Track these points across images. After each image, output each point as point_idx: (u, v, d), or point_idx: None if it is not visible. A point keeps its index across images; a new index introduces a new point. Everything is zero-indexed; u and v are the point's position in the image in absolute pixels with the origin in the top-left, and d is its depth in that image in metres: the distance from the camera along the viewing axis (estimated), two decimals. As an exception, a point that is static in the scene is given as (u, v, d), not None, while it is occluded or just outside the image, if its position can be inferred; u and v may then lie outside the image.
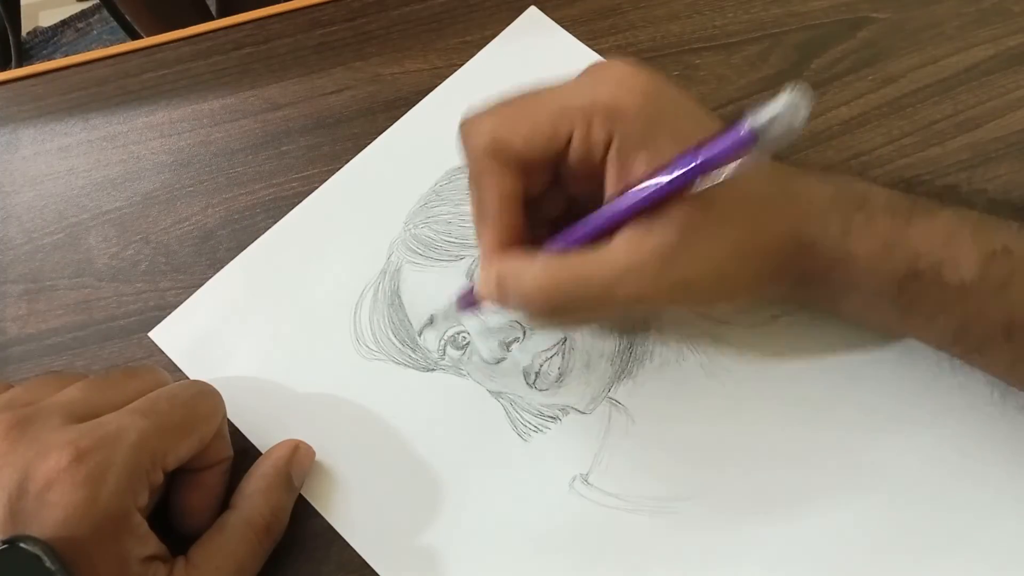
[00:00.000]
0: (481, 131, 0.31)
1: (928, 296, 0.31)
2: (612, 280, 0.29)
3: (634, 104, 0.29)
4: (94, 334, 0.39)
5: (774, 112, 0.24)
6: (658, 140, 0.29)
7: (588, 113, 0.30)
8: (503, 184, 0.31)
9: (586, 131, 0.30)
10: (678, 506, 0.34)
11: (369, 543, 0.34)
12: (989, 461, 0.34)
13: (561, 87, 0.31)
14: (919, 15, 0.44)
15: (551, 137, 0.30)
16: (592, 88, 0.30)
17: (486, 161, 0.31)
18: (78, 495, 0.27)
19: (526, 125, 0.30)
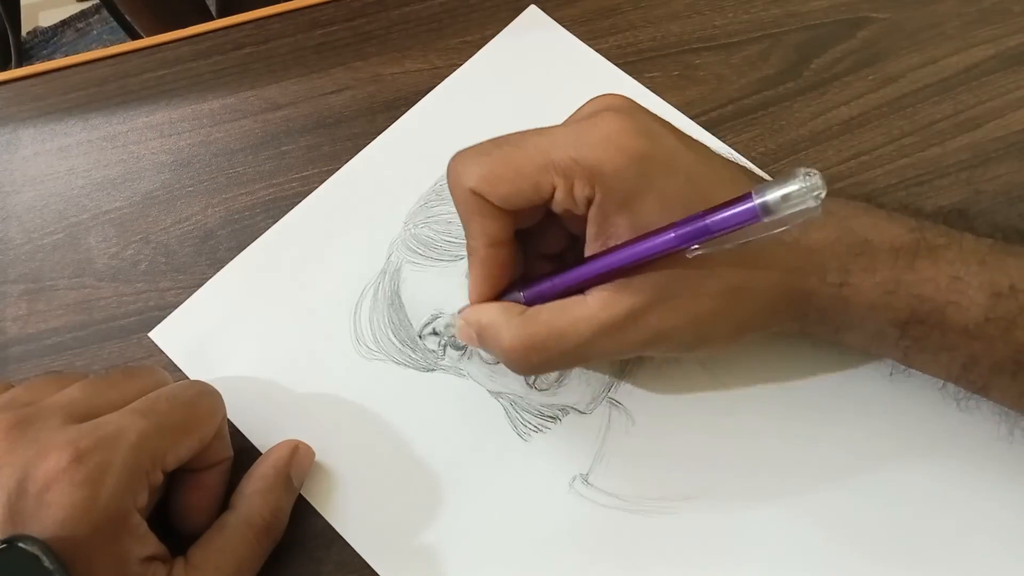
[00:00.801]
0: (467, 176, 0.30)
1: (931, 339, 0.30)
2: (586, 338, 0.30)
3: (618, 167, 0.29)
4: (94, 334, 0.39)
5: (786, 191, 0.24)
6: (641, 203, 0.29)
7: (571, 171, 0.29)
8: (488, 229, 0.31)
9: (568, 188, 0.29)
10: (678, 506, 0.34)
11: (369, 543, 0.34)
12: (988, 461, 0.34)
13: (549, 135, 0.31)
14: (919, 15, 0.44)
15: (534, 189, 0.30)
16: (578, 142, 0.30)
17: (472, 206, 0.31)
18: (77, 495, 0.27)
19: (509, 176, 0.30)
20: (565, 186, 0.29)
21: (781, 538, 0.34)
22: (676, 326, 0.30)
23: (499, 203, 0.30)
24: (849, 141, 0.41)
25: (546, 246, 0.34)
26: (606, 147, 0.29)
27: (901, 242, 0.30)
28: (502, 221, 0.31)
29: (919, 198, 0.39)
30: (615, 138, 0.29)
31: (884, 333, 0.31)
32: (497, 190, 0.30)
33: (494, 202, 0.30)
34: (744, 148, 0.41)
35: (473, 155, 0.31)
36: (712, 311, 0.30)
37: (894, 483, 0.34)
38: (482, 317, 0.32)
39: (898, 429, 0.35)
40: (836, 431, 0.35)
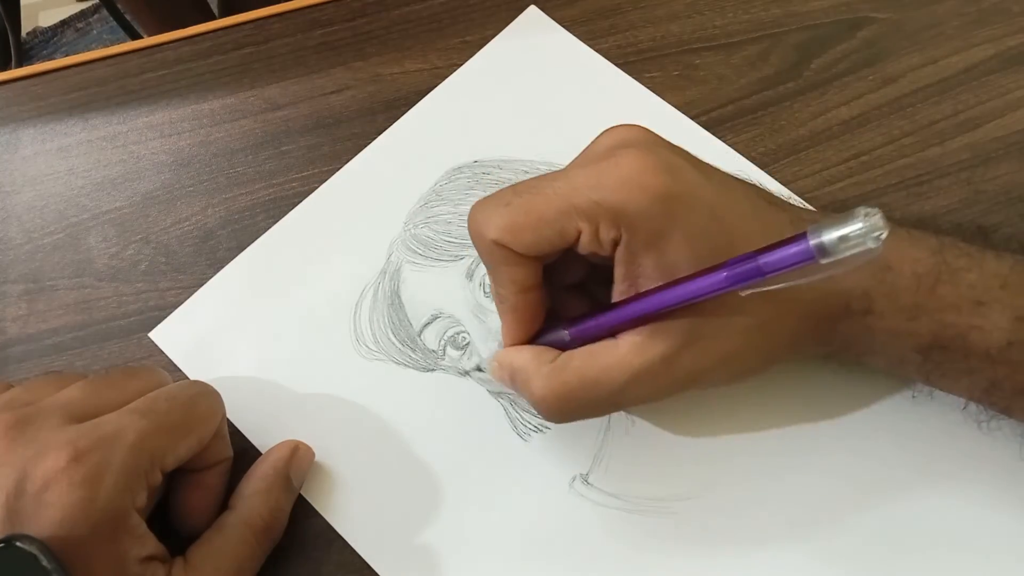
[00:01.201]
0: (488, 228, 0.30)
1: (953, 363, 0.30)
2: (620, 385, 0.29)
3: (642, 207, 0.28)
4: (94, 334, 0.39)
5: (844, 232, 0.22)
6: (667, 243, 0.28)
7: (595, 214, 0.29)
8: (516, 276, 0.31)
9: (594, 232, 0.29)
10: (678, 506, 0.34)
11: (369, 543, 0.34)
12: (993, 459, 0.34)
13: (568, 179, 0.30)
14: (919, 15, 0.44)
15: (559, 235, 0.29)
16: (599, 184, 0.29)
17: (497, 257, 0.30)
18: (76, 495, 0.27)
19: (532, 224, 0.29)
20: (590, 230, 0.29)
21: (781, 538, 0.33)
22: (708, 367, 0.30)
23: (524, 251, 0.30)
24: (849, 141, 0.41)
25: (567, 277, 0.34)
26: (629, 188, 0.28)
27: (923, 267, 0.30)
28: (529, 267, 0.31)
29: (919, 198, 0.39)
30: (637, 178, 0.28)
31: (906, 358, 0.31)
32: (521, 240, 0.30)
33: (519, 251, 0.30)
34: (744, 148, 0.41)
35: (493, 205, 0.30)
36: (742, 348, 0.30)
37: (895, 483, 0.34)
38: (515, 360, 0.32)
39: (898, 429, 0.35)
40: (837, 431, 0.35)
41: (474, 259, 0.39)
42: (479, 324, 0.38)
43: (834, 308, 0.30)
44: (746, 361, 0.31)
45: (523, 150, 0.42)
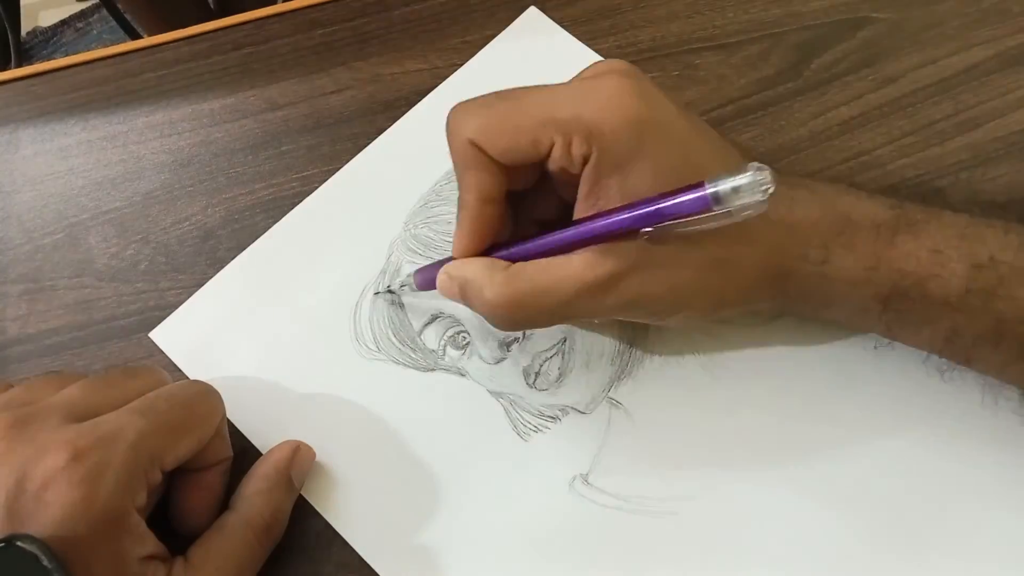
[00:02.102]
0: (466, 127, 0.31)
1: (913, 311, 0.31)
2: (568, 297, 0.30)
3: (617, 128, 0.29)
4: (94, 334, 0.39)
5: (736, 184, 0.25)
6: (633, 168, 0.29)
7: (570, 128, 0.29)
8: (483, 183, 0.31)
9: (566, 145, 0.30)
10: (678, 506, 0.34)
11: (369, 543, 0.34)
12: (986, 461, 0.34)
13: (551, 92, 0.31)
14: (919, 15, 0.44)
15: (532, 145, 0.30)
16: (580, 101, 0.30)
17: (468, 159, 0.31)
18: (75, 494, 0.27)
19: (509, 130, 0.30)
20: (563, 143, 0.29)
21: (781, 538, 0.34)
22: (655, 294, 0.30)
23: (497, 156, 0.30)
24: (849, 141, 0.41)
25: (538, 211, 0.34)
26: (608, 108, 0.29)
27: (882, 219, 0.31)
28: (497, 177, 0.31)
29: (920, 198, 0.39)
30: (617, 99, 0.29)
31: (867, 308, 0.32)
32: (496, 143, 0.30)
33: (492, 155, 0.30)
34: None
35: (474, 107, 0.31)
36: (692, 282, 0.30)
37: (894, 483, 0.34)
38: (466, 272, 0.32)
39: (898, 429, 0.35)
40: (836, 431, 0.35)
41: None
42: (479, 324, 0.38)
43: (791, 257, 0.31)
44: (694, 296, 0.31)
45: (523, 150, 0.42)
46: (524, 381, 0.37)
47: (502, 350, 0.37)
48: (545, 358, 0.37)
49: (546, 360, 0.37)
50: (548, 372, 0.37)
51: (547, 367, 0.37)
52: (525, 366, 0.37)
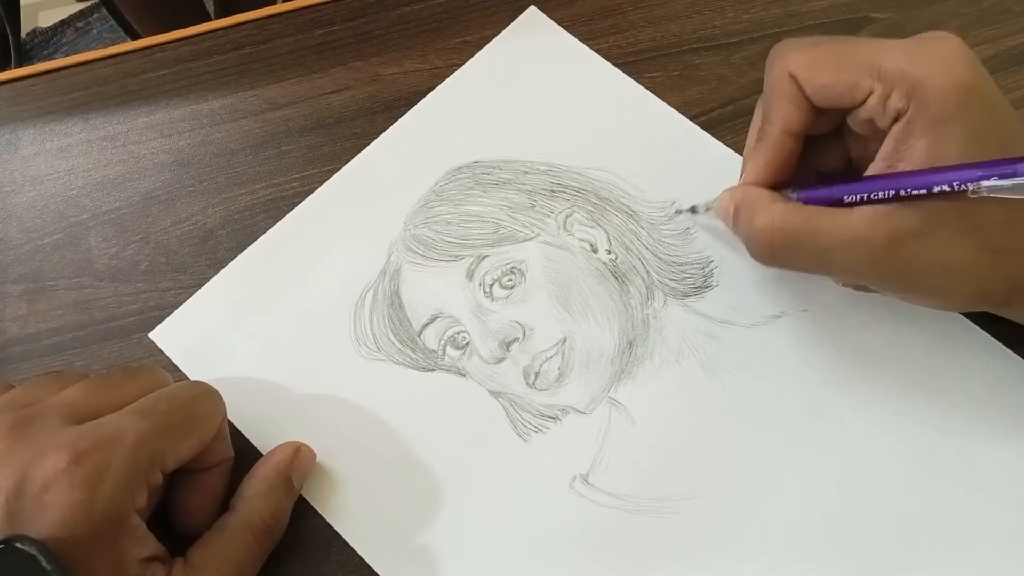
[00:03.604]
0: (789, 60, 0.31)
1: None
2: (837, 244, 0.30)
3: (942, 89, 0.29)
4: (94, 334, 0.39)
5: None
6: (947, 133, 0.29)
7: (894, 80, 0.29)
8: (790, 116, 0.32)
9: (885, 96, 0.30)
10: (678, 506, 0.34)
11: (369, 543, 0.34)
12: (988, 460, 0.34)
13: (883, 43, 0.31)
14: (919, 15, 0.44)
15: (851, 88, 0.30)
16: (910, 57, 0.30)
17: (783, 89, 0.31)
18: (75, 496, 0.27)
19: (832, 67, 0.31)
20: (882, 93, 0.30)
21: (781, 538, 0.34)
22: (925, 266, 0.30)
23: (811, 93, 0.31)
24: (849, 141, 0.41)
25: (822, 163, 0.35)
26: (938, 67, 0.29)
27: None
28: (805, 114, 0.32)
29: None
30: (951, 62, 0.29)
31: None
32: (816, 79, 0.31)
33: (807, 91, 0.31)
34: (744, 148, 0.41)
35: (803, 42, 0.32)
36: (965, 264, 0.30)
37: (895, 483, 0.34)
38: (748, 194, 0.33)
39: (898, 429, 0.35)
40: (835, 431, 0.35)
41: (474, 259, 0.39)
42: (479, 324, 0.38)
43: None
44: (962, 279, 0.30)
45: (523, 150, 0.42)
46: (524, 381, 0.37)
47: (502, 350, 0.37)
48: (545, 358, 0.37)
49: (546, 360, 0.37)
50: (548, 372, 0.37)
51: (547, 367, 0.37)
52: (525, 366, 0.37)
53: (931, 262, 0.30)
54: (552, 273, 0.39)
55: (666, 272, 0.39)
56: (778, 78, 0.32)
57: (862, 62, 0.30)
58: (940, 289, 0.31)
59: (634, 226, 0.40)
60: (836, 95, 0.31)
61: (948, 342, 0.36)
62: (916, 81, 0.29)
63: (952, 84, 0.29)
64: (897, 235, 0.29)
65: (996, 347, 0.36)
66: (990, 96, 0.30)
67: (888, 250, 0.30)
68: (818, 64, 0.31)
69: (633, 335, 0.37)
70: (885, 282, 0.31)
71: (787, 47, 0.32)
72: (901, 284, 0.31)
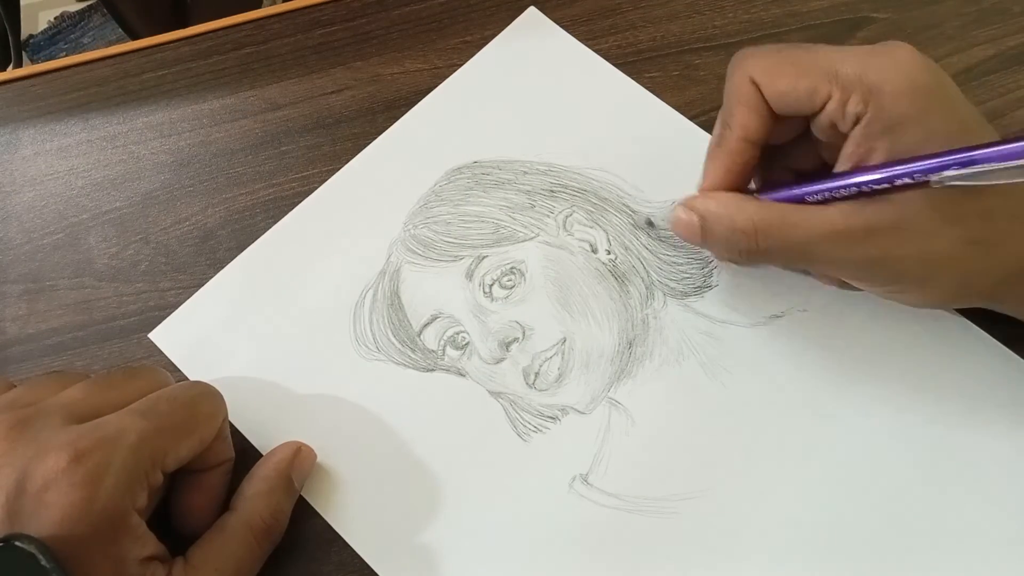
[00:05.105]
0: (750, 66, 0.32)
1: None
2: (816, 236, 0.30)
3: (898, 91, 0.29)
4: (94, 334, 0.39)
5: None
6: (906, 133, 0.29)
7: (852, 84, 0.30)
8: (749, 122, 0.32)
9: (842, 101, 0.30)
10: (678, 506, 0.34)
11: (369, 543, 0.34)
12: (988, 460, 0.34)
13: (840, 50, 0.31)
14: (919, 15, 0.44)
15: (810, 94, 0.31)
16: (867, 62, 0.30)
17: (743, 95, 0.32)
18: (75, 496, 0.27)
19: (792, 73, 0.31)
20: (840, 98, 0.30)
21: (781, 538, 0.34)
22: (906, 256, 0.30)
23: (771, 99, 0.31)
24: (849, 141, 0.41)
25: (795, 161, 0.35)
26: (894, 71, 0.30)
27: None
28: (764, 120, 0.32)
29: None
30: (905, 66, 0.30)
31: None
32: (775, 84, 0.31)
33: (767, 96, 0.31)
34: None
35: (763, 50, 0.32)
36: (944, 256, 0.30)
37: (895, 483, 0.34)
38: (712, 202, 0.33)
39: (898, 429, 0.35)
40: (835, 431, 0.35)
41: (473, 259, 0.39)
42: (478, 324, 0.38)
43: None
44: (943, 271, 0.31)
45: (523, 150, 0.42)
46: (524, 381, 0.37)
47: (501, 350, 0.37)
48: (545, 358, 0.37)
49: (546, 360, 0.37)
50: (548, 372, 0.37)
51: (547, 367, 0.37)
52: (525, 366, 0.37)
53: (910, 253, 0.30)
54: (552, 273, 0.39)
55: (666, 272, 0.39)
56: (738, 84, 0.32)
57: (820, 68, 0.31)
58: (920, 281, 0.31)
59: (634, 226, 0.40)
60: (795, 100, 0.31)
61: (948, 342, 0.36)
62: (873, 85, 0.30)
63: (908, 87, 0.29)
64: (874, 226, 0.30)
65: (996, 347, 0.36)
66: (949, 98, 0.30)
67: (865, 242, 0.30)
68: (777, 70, 0.31)
69: (633, 335, 0.37)
70: (866, 274, 0.32)
71: (748, 54, 0.32)
72: (882, 276, 0.31)
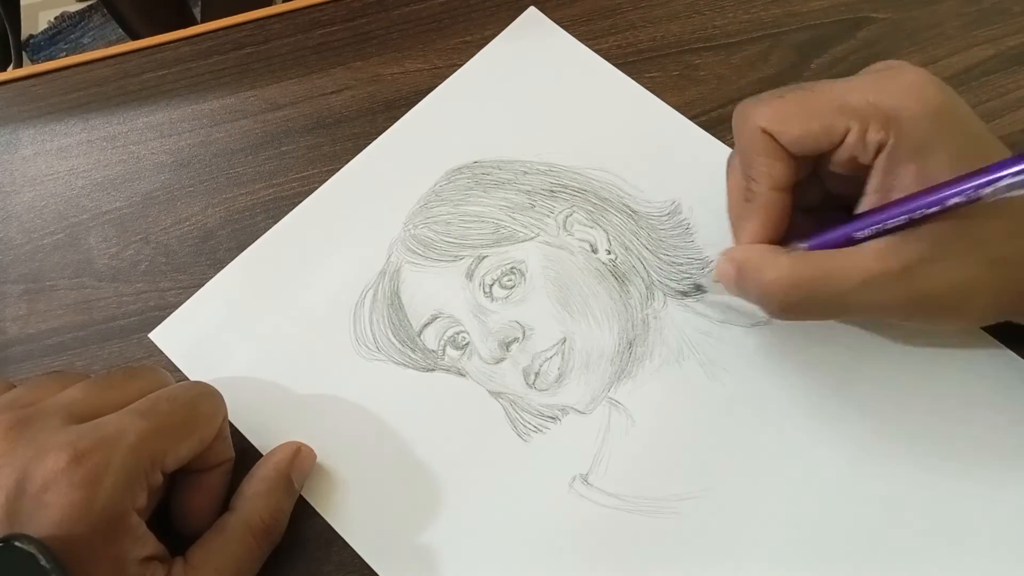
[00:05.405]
0: (757, 116, 0.31)
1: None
2: (853, 286, 0.30)
3: (917, 115, 0.29)
4: (94, 334, 0.39)
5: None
6: (932, 156, 0.29)
7: (867, 115, 0.29)
8: (774, 171, 0.31)
9: (862, 132, 0.30)
10: (678, 506, 0.34)
11: (369, 543, 0.34)
12: (988, 459, 0.34)
13: (845, 82, 0.31)
14: (919, 15, 0.44)
15: (825, 132, 0.30)
16: (876, 89, 0.30)
17: (759, 147, 0.31)
18: (75, 496, 0.27)
19: (803, 116, 0.30)
20: (859, 130, 0.29)
21: (781, 538, 0.34)
22: (940, 289, 0.30)
23: (788, 144, 0.31)
24: (849, 141, 0.41)
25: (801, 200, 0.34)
26: (908, 96, 0.29)
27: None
28: (788, 164, 0.31)
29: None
30: (918, 89, 0.29)
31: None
32: (789, 130, 0.30)
33: (783, 143, 0.31)
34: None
35: (765, 97, 0.32)
36: (973, 280, 0.30)
37: (895, 483, 0.34)
38: (749, 254, 0.32)
39: (899, 429, 0.35)
40: (835, 431, 0.35)
41: (473, 259, 0.39)
42: (479, 324, 0.38)
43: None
44: (973, 295, 0.30)
45: (523, 150, 0.42)
46: (524, 381, 0.37)
47: (501, 350, 0.37)
48: (545, 358, 0.37)
49: (546, 360, 0.37)
50: (548, 372, 0.37)
51: (547, 367, 0.37)
52: (525, 366, 0.37)
53: (944, 284, 0.30)
54: (552, 273, 0.39)
55: (666, 272, 0.39)
56: (751, 137, 0.31)
57: (830, 104, 0.30)
58: (958, 308, 0.31)
59: (634, 226, 0.40)
60: (813, 141, 0.31)
61: (948, 342, 0.36)
62: (890, 111, 0.29)
63: (926, 109, 0.29)
64: (909, 264, 0.29)
65: (996, 347, 0.36)
66: (964, 115, 0.30)
67: (903, 282, 0.29)
68: (787, 115, 0.31)
69: (633, 335, 0.37)
70: (906, 313, 0.31)
71: (750, 105, 0.32)
72: (922, 311, 0.31)
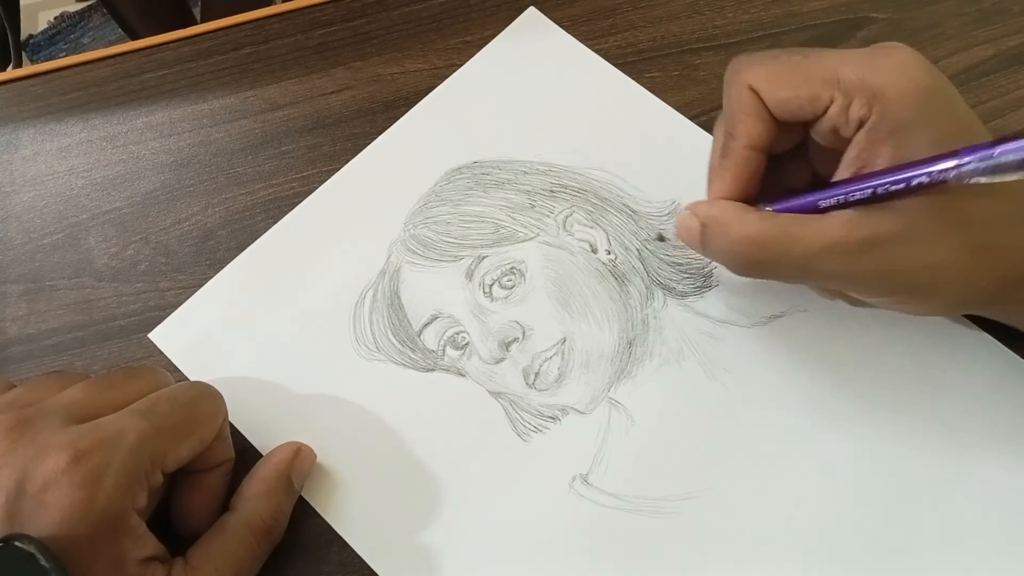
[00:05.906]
0: (748, 74, 0.31)
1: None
2: (816, 250, 0.30)
3: (902, 94, 0.29)
4: (94, 334, 0.39)
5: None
6: (913, 136, 0.29)
7: (853, 89, 0.29)
8: (753, 130, 0.31)
9: (845, 106, 0.30)
10: (678, 506, 0.34)
11: (369, 543, 0.34)
12: (988, 459, 0.34)
13: (838, 53, 0.31)
14: (919, 15, 0.44)
15: (812, 100, 0.30)
16: (867, 65, 0.30)
17: (744, 103, 0.31)
18: (75, 496, 0.27)
19: (792, 80, 0.31)
20: (843, 103, 0.30)
21: (781, 538, 0.34)
22: (909, 269, 0.30)
23: (772, 106, 0.31)
24: (849, 141, 0.41)
25: (787, 178, 0.34)
26: (896, 74, 0.29)
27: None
28: (768, 127, 0.31)
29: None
30: (907, 68, 0.29)
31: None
32: (776, 92, 0.31)
33: (768, 104, 0.31)
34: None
35: (760, 56, 0.32)
36: (949, 264, 0.30)
37: (895, 483, 0.34)
38: (714, 210, 0.32)
39: (899, 429, 0.35)
40: (835, 431, 0.35)
41: (473, 259, 0.39)
42: (478, 324, 0.38)
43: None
44: (949, 281, 0.30)
45: (523, 150, 0.42)
46: (524, 381, 0.37)
47: (501, 350, 0.37)
48: (545, 358, 0.37)
49: (546, 360, 0.37)
50: (548, 372, 0.37)
51: (547, 367, 0.37)
52: (525, 366, 0.37)
53: (913, 264, 0.29)
54: (552, 273, 0.39)
55: (666, 272, 0.39)
56: (738, 93, 0.31)
57: (821, 73, 0.30)
58: (924, 291, 0.31)
59: (634, 226, 0.40)
60: (797, 107, 0.31)
61: (948, 342, 0.36)
62: (876, 88, 0.29)
63: (912, 89, 0.29)
64: (874, 238, 0.29)
65: (996, 347, 0.36)
66: (951, 100, 0.30)
67: (868, 254, 0.29)
68: (777, 77, 0.31)
69: (633, 335, 0.37)
70: (869, 287, 0.31)
71: (744, 62, 0.32)
72: (885, 288, 0.31)
